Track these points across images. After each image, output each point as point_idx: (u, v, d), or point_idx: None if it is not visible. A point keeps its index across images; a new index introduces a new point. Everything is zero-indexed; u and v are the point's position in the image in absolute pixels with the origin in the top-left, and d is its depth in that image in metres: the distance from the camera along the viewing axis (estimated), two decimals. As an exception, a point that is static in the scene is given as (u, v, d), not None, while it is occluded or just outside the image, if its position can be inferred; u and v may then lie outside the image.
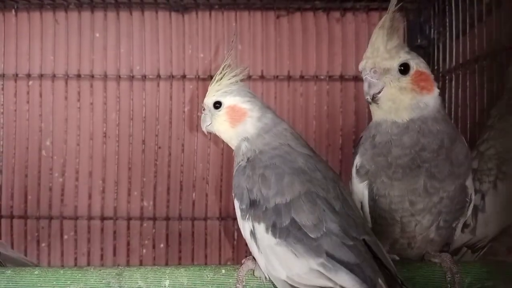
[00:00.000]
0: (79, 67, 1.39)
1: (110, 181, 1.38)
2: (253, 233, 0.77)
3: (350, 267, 0.68)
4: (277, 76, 1.40)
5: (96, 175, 1.39)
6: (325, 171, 0.80)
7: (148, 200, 1.39)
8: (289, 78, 1.41)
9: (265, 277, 0.77)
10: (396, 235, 0.84)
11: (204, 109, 0.92)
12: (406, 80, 0.81)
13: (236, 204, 0.81)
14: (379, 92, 0.81)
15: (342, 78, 1.40)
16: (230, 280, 0.80)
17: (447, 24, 1.28)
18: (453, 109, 1.24)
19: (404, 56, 0.81)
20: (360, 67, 0.82)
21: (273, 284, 0.76)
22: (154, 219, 1.38)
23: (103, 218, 1.37)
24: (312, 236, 0.71)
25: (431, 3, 1.37)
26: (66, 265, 1.37)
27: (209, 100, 0.90)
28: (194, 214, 1.37)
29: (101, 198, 1.38)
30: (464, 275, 0.80)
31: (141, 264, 1.38)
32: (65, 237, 1.37)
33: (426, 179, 0.79)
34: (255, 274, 0.80)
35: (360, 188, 0.84)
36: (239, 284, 0.80)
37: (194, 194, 1.38)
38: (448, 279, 0.79)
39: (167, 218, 1.37)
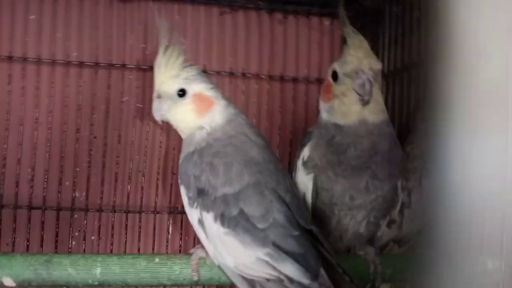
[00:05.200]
0: (11, 49, 1.32)
1: (39, 170, 1.33)
2: (201, 221, 0.77)
3: (295, 257, 0.70)
4: (219, 72, 1.41)
5: (25, 163, 1.33)
6: (276, 163, 0.81)
7: (80, 191, 1.35)
8: (231, 74, 1.42)
9: (217, 265, 0.77)
10: (331, 228, 0.87)
11: (159, 96, 0.84)
12: (381, 83, 0.85)
13: (183, 191, 0.80)
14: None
15: (282, 78, 1.43)
16: (164, 268, 0.80)
17: (380, 34, 1.35)
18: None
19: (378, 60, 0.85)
20: (353, 67, 0.82)
21: (224, 272, 0.76)
22: (86, 210, 1.34)
23: (30, 208, 1.32)
24: (259, 226, 0.72)
25: (367, 12, 1.43)
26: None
27: (170, 88, 0.82)
28: (128, 206, 1.34)
29: (30, 186, 1.32)
30: (386, 267, 0.84)
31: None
32: (-12, 226, 1.30)
33: (369, 178, 0.83)
34: (206, 262, 0.80)
35: (305, 180, 0.86)
36: (194, 273, 0.79)
37: (129, 187, 1.35)
38: (371, 270, 0.84)
39: (100, 210, 1.34)
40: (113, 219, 1.34)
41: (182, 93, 0.82)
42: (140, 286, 0.80)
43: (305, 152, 0.87)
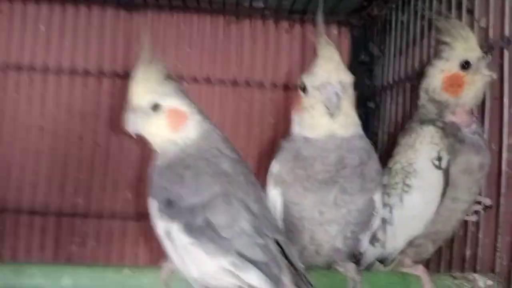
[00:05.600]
0: (20, 58, 1.36)
1: (42, 176, 1.35)
2: (168, 233, 0.76)
3: (258, 266, 0.69)
4: (223, 81, 1.40)
5: (28, 169, 1.35)
6: (248, 175, 0.80)
7: (82, 197, 1.37)
8: (234, 83, 1.41)
9: (186, 278, 0.76)
10: (305, 242, 0.85)
11: (133, 109, 0.81)
12: (352, 96, 0.82)
13: (152, 203, 0.79)
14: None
15: (285, 87, 1.41)
16: (132, 280, 0.79)
17: (387, 42, 1.31)
18: (386, 124, 1.27)
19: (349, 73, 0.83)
20: (322, 80, 0.79)
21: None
22: (86, 216, 1.35)
23: (32, 213, 1.34)
24: (224, 235, 0.71)
25: (375, 21, 1.40)
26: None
27: (143, 102, 0.80)
28: (128, 214, 1.35)
29: (32, 192, 1.35)
30: (367, 285, 0.81)
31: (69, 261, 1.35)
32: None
33: (337, 193, 0.81)
34: (177, 275, 0.78)
35: (274, 194, 0.85)
36: (163, 286, 0.78)
37: (130, 194, 1.36)
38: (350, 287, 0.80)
39: (100, 216, 1.35)
40: (112, 225, 1.34)
41: (155, 107, 0.81)
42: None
43: (275, 167, 0.85)
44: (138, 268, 0.81)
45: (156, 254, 1.30)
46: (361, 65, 1.42)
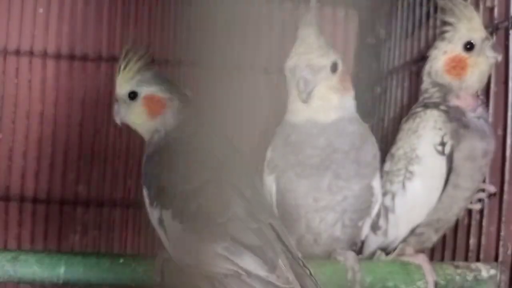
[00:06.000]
0: (19, 43, 1.34)
1: (44, 163, 1.34)
2: (161, 220, 0.76)
3: (253, 250, 0.69)
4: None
5: (30, 156, 1.35)
6: (240, 160, 0.80)
7: (83, 184, 1.36)
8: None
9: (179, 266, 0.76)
10: (302, 231, 0.84)
11: (115, 99, 0.87)
12: (335, 79, 0.81)
13: (145, 192, 0.79)
14: (312, 91, 0.79)
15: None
16: (128, 269, 0.78)
17: (394, 24, 1.28)
18: (392, 108, 1.24)
19: (333, 54, 0.81)
20: (292, 63, 0.79)
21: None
22: (88, 204, 1.34)
23: (35, 201, 1.34)
24: (218, 221, 0.71)
25: (382, 2, 1.36)
26: (-5, 247, 1.33)
27: (122, 91, 0.84)
28: (130, 200, 1.34)
29: (35, 180, 1.34)
30: (366, 274, 0.80)
31: (72, 250, 1.35)
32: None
33: (331, 178, 0.80)
34: (171, 263, 0.78)
35: (269, 181, 0.84)
36: (156, 275, 0.78)
37: (130, 181, 1.35)
38: (349, 277, 0.79)
39: (101, 204, 1.34)
40: (115, 213, 1.34)
41: (133, 95, 0.83)
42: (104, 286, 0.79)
43: (268, 154, 0.84)
44: (133, 257, 0.81)
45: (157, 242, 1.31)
46: (367, 47, 1.38)
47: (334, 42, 1.41)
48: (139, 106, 0.83)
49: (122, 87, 0.84)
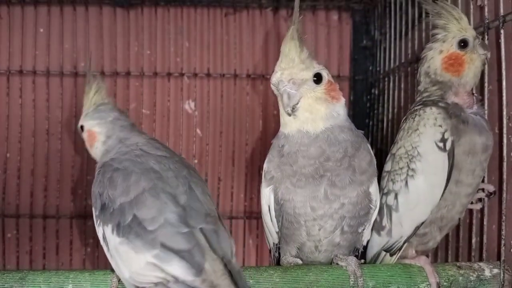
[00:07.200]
0: (21, 63, 1.37)
1: (52, 179, 1.37)
2: (104, 238, 0.78)
3: (181, 254, 0.71)
4: (223, 75, 1.39)
5: (38, 173, 1.37)
6: (178, 170, 0.83)
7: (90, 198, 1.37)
8: (235, 76, 1.40)
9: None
10: (303, 239, 0.85)
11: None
12: (320, 90, 0.82)
13: (93, 212, 0.83)
14: (297, 103, 0.81)
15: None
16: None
17: (388, 26, 1.28)
18: (389, 110, 1.24)
19: (316, 66, 0.83)
20: (276, 79, 0.81)
21: None
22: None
23: (45, 217, 1.36)
24: (149, 228, 0.73)
25: (375, 4, 1.36)
26: (8, 264, 1.36)
27: (79, 124, 1.03)
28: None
29: (44, 196, 1.37)
30: (368, 278, 0.80)
31: (83, 263, 1.37)
32: (8, 235, 1.36)
33: (327, 187, 0.81)
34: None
35: (267, 192, 0.85)
36: None
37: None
38: (351, 282, 0.80)
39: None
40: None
41: (82, 128, 1.02)
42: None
43: (265, 165, 0.85)
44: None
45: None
46: (363, 50, 1.39)
47: (329, 46, 1.43)
48: (85, 137, 1.03)
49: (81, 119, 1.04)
